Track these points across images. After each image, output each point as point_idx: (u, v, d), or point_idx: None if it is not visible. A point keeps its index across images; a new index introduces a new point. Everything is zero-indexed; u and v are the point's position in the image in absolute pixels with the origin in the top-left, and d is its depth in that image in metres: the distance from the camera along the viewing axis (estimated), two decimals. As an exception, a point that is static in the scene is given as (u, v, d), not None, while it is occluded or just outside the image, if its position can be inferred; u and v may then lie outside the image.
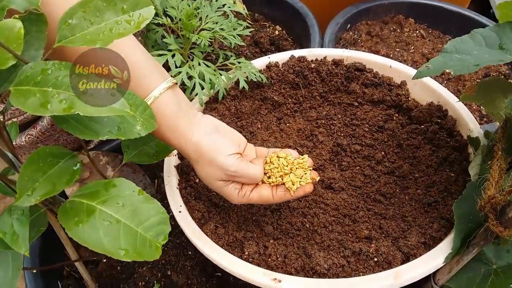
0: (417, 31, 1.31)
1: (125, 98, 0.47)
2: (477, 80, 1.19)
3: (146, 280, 0.83)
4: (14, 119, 0.81)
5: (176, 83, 0.60)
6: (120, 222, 0.47)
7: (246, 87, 0.80)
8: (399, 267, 0.57)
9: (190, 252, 0.85)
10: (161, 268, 0.84)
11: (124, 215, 0.47)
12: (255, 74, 0.80)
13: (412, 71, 0.83)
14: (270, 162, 0.61)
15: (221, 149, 0.58)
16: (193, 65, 0.76)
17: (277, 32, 1.26)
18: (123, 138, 0.46)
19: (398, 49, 1.25)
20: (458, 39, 0.63)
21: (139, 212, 0.48)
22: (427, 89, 0.81)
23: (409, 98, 0.82)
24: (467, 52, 0.61)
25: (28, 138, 0.84)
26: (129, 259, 0.45)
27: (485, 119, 1.09)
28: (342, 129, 0.81)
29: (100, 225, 0.46)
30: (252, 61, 0.85)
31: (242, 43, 0.82)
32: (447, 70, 0.57)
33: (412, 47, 1.26)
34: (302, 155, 0.61)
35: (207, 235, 0.62)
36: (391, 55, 1.20)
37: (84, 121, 0.45)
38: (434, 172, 0.72)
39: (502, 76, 1.20)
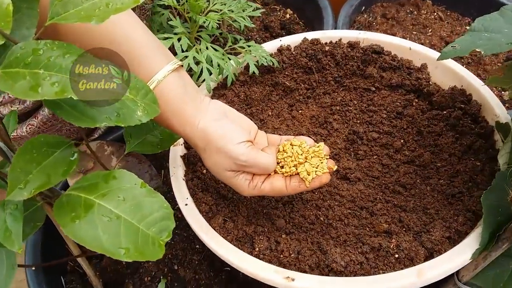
0: (435, 13, 1.25)
1: (123, 81, 0.43)
2: (498, 64, 1.14)
3: (152, 275, 0.80)
4: (14, 107, 0.78)
5: (182, 65, 0.55)
6: (120, 218, 0.43)
7: (257, 71, 0.76)
8: (422, 264, 0.53)
9: (197, 246, 0.82)
10: (167, 262, 0.81)
11: (125, 210, 0.44)
12: (265, 58, 0.76)
13: (434, 53, 0.78)
14: (283, 150, 0.56)
15: (230, 136, 0.54)
16: (200, 49, 0.71)
17: (288, 16, 1.21)
18: (122, 125, 0.42)
19: (415, 32, 1.19)
20: (487, 17, 0.58)
21: (141, 206, 0.44)
22: (450, 72, 0.75)
23: (430, 82, 0.77)
24: (497, 30, 0.56)
25: (30, 128, 0.81)
26: (130, 259, 0.41)
27: (507, 105, 1.04)
28: (358, 115, 0.77)
29: (99, 221, 0.42)
30: (263, 45, 0.81)
31: (252, 25, 0.77)
32: (477, 50, 0.51)
33: (429, 30, 1.20)
34: (317, 142, 0.57)
35: (215, 229, 0.58)
36: (408, 39, 1.14)
37: (80, 107, 0.41)
38: (458, 161, 0.67)
39: (526, 59, 1.14)
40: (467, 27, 1.23)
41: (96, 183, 0.44)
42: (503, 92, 1.07)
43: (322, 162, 0.55)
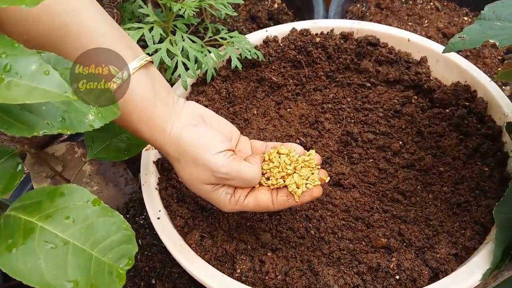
0: (431, 3, 1.18)
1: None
2: (498, 57, 1.07)
3: (127, 290, 0.73)
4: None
5: (152, 62, 0.48)
6: (68, 244, 0.36)
7: (239, 66, 0.68)
8: (426, 287, 0.46)
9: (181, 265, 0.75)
10: (144, 276, 0.74)
11: (74, 234, 0.36)
12: (249, 51, 0.68)
13: (434, 45, 0.71)
14: (269, 160, 0.49)
15: (208, 145, 0.46)
16: (175, 41, 0.64)
17: (276, 5, 1.13)
18: (68, 133, 0.34)
19: (410, 23, 1.13)
20: (499, 3, 0.51)
21: (94, 229, 0.37)
22: (452, 66, 0.69)
23: (431, 77, 0.70)
24: (511, 19, 0.50)
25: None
26: (78, 294, 0.34)
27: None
28: (352, 114, 0.69)
29: (41, 249, 0.35)
30: (247, 36, 0.73)
31: (235, 13, 0.69)
32: (491, 41, 0.44)
33: (426, 21, 1.14)
34: (307, 149, 0.50)
35: (191, 247, 0.51)
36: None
37: (14, 111, 0.33)
38: (463, 165, 0.61)
39: (527, 52, 1.07)
40: (465, 18, 1.16)
41: (39, 201, 0.37)
42: (504, 87, 1.01)
43: (313, 173, 0.48)
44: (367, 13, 1.13)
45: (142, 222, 0.79)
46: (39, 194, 0.38)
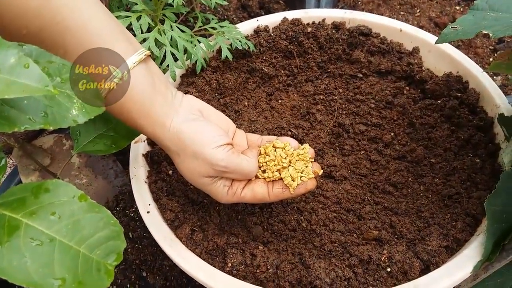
0: (424, -8, 1.17)
1: (56, 69, 0.35)
2: (490, 47, 1.07)
3: (118, 283, 0.72)
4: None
5: (150, 55, 0.47)
6: (54, 241, 0.35)
7: (230, 56, 0.67)
8: (418, 279, 0.47)
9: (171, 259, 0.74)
10: (135, 269, 0.73)
11: (61, 231, 0.35)
12: (240, 41, 0.67)
13: (426, 36, 0.70)
14: (265, 153, 0.49)
15: (208, 139, 0.46)
16: (164, 30, 0.62)
17: (267, -6, 1.12)
18: (51, 128, 0.33)
19: (402, 13, 1.12)
20: (492, -7, 0.51)
21: (81, 225, 0.36)
22: (444, 57, 0.68)
23: (423, 68, 0.70)
24: (505, 9, 0.49)
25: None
26: (65, 292, 0.33)
27: (500, 91, 0.98)
28: (344, 105, 0.69)
29: (26, 247, 0.34)
30: (238, 25, 0.72)
31: (225, 2, 0.68)
32: (484, 32, 0.44)
33: (418, 10, 1.13)
34: (299, 141, 0.50)
35: (181, 241, 0.51)
36: (395, 19, 1.06)
37: (-7, 106, 0.32)
38: (454, 156, 0.61)
39: (518, 42, 1.07)
40: (457, 7, 1.16)
41: (24, 198, 0.36)
42: (495, 77, 1.01)
43: (307, 166, 0.48)
44: (359, 2, 1.12)
45: (132, 215, 0.78)
46: (23, 190, 0.36)
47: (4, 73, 0.28)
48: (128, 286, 0.72)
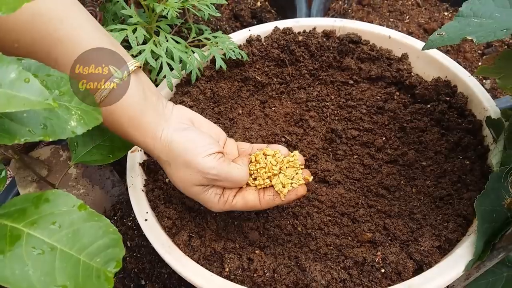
0: (412, -1, 1.19)
1: (54, 82, 0.36)
2: (478, 52, 1.09)
3: (117, 292, 0.73)
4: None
5: (140, 67, 0.48)
6: (55, 249, 0.36)
7: (224, 66, 0.68)
8: (411, 279, 0.48)
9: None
10: (134, 277, 0.74)
11: (61, 240, 0.36)
12: (234, 51, 0.68)
13: (415, 42, 0.72)
14: (256, 161, 0.51)
15: (198, 148, 0.47)
16: (159, 42, 0.63)
17: (259, 4, 1.14)
18: (50, 139, 0.34)
19: (392, 19, 1.14)
20: (476, 0, 0.52)
21: (81, 233, 0.37)
22: (433, 63, 0.70)
23: (412, 74, 0.72)
24: (488, 16, 0.51)
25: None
26: (68, 299, 0.34)
27: (489, 95, 0.99)
28: (336, 111, 0.70)
29: (28, 256, 0.35)
30: (231, 35, 0.73)
31: (218, 14, 0.69)
32: (468, 38, 0.46)
33: (407, 17, 1.15)
34: (293, 147, 0.51)
35: (179, 247, 0.51)
36: (385, 26, 1.08)
37: (-6, 118, 0.33)
38: (445, 159, 0.62)
39: (506, 47, 1.10)
40: (445, 13, 1.18)
41: (25, 208, 0.36)
42: (484, 81, 1.03)
43: (297, 173, 0.50)
44: (349, 10, 1.14)
45: (130, 223, 0.78)
46: (24, 201, 0.37)
47: (5, 87, 0.29)
48: (127, 294, 0.73)
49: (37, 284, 0.34)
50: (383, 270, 0.49)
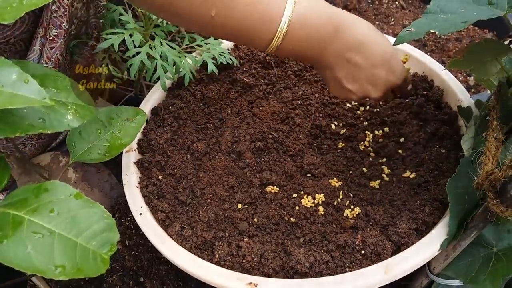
0: (396, 2, 1.24)
1: (51, 81, 0.39)
2: (462, 50, 1.13)
3: (117, 289, 0.76)
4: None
5: None
6: (54, 234, 0.39)
7: (216, 70, 0.72)
8: (389, 259, 0.51)
9: (163, 256, 0.78)
10: (132, 275, 0.77)
11: (59, 225, 0.40)
12: (224, 56, 0.72)
13: (393, 40, 0.75)
14: None
15: None
16: (154, 46, 0.67)
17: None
18: (48, 132, 0.38)
19: (377, 22, 1.18)
20: (442, -2, 0.56)
21: (78, 219, 0.41)
22: (410, 59, 0.73)
23: (391, 71, 0.75)
24: (453, 11, 0.54)
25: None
26: (66, 277, 0.38)
27: (472, 90, 1.03)
28: (320, 109, 0.74)
29: (29, 239, 0.38)
30: (219, 40, 0.77)
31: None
32: (432, 31, 0.49)
33: (392, 19, 1.19)
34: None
35: (172, 238, 0.55)
36: (371, 29, 1.12)
37: (-4, 114, 0.37)
38: (423, 149, 0.65)
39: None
40: (430, 15, 1.22)
41: (25, 198, 0.40)
42: (468, 78, 1.07)
43: None
44: (336, 15, 1.18)
45: (128, 224, 0.82)
46: (25, 191, 0.41)
47: (8, 87, 0.33)
48: (127, 291, 0.76)
49: (37, 264, 0.37)
50: (363, 252, 0.52)
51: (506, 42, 1.01)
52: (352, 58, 0.54)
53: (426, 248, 0.51)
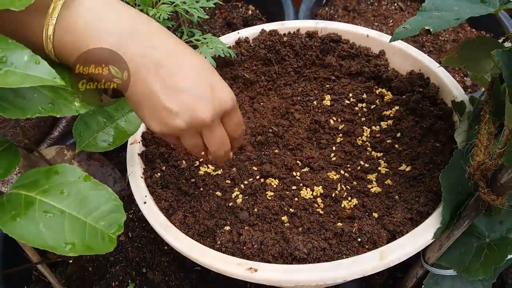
0: (395, 4, 1.26)
1: (59, 72, 0.41)
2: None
3: (120, 280, 0.77)
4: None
5: None
6: (64, 213, 0.41)
7: (214, 64, 0.74)
8: (384, 246, 0.53)
9: (166, 247, 0.80)
10: (135, 266, 0.79)
11: (69, 205, 0.42)
12: (222, 50, 0.74)
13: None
14: None
15: None
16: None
17: (250, 12, 1.21)
18: (57, 115, 0.40)
19: (376, 23, 1.20)
20: (437, -4, 0.58)
21: (87, 200, 0.42)
22: (407, 57, 0.76)
23: (389, 68, 0.77)
24: (447, 9, 0.57)
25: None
26: (76, 253, 0.40)
27: (469, 90, 1.05)
28: (319, 105, 0.76)
29: (41, 218, 0.40)
30: (221, 38, 0.79)
31: (206, 16, 0.76)
32: (426, 28, 0.51)
33: (390, 21, 1.21)
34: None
35: (175, 225, 0.57)
36: (370, 30, 1.15)
37: (8, 96, 0.39)
38: (418, 143, 0.67)
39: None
40: (428, 17, 1.24)
41: (37, 179, 0.42)
42: (465, 78, 1.09)
43: None
44: (335, 16, 1.20)
45: (131, 216, 0.84)
46: (36, 174, 0.43)
47: (20, 68, 0.35)
48: (129, 281, 0.78)
49: (49, 241, 0.39)
50: (359, 239, 0.54)
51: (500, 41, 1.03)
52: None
53: (420, 237, 0.53)
